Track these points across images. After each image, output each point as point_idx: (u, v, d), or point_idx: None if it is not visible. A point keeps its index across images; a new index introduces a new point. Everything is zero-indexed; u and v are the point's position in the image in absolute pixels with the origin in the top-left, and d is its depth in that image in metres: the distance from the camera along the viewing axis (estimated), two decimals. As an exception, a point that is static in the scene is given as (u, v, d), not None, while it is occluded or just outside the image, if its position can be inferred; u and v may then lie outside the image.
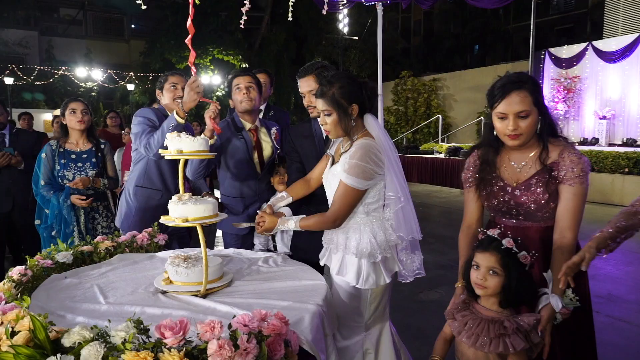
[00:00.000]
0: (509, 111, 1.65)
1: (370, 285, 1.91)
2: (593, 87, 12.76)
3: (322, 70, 2.27)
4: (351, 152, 1.88)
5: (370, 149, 1.85)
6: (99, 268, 1.96)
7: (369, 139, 1.90)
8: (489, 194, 1.83)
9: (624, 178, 8.70)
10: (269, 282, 1.79)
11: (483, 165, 1.84)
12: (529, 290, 1.55)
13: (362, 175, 1.84)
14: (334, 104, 1.87)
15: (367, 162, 1.83)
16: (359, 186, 1.86)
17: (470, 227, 1.91)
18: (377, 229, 1.93)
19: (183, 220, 1.60)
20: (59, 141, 3.13)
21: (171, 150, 1.66)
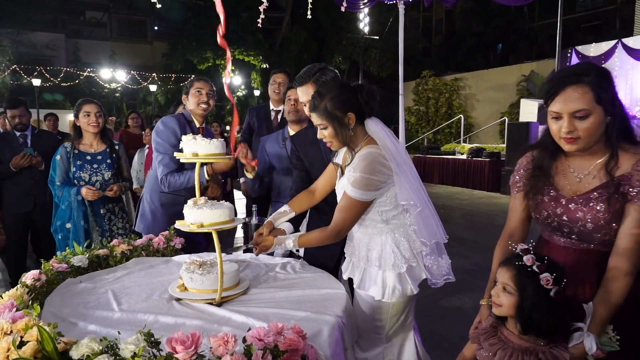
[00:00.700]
0: (563, 110, 1.40)
1: (397, 298, 1.79)
2: (622, 86, 12.32)
3: (320, 76, 2.10)
4: (354, 163, 1.75)
5: (373, 159, 1.72)
6: (114, 272, 1.93)
7: (373, 147, 1.76)
8: (539, 205, 1.57)
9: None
10: (287, 290, 1.73)
11: (535, 170, 1.58)
12: (552, 320, 1.34)
13: (366, 187, 1.71)
14: (328, 116, 1.76)
15: (371, 174, 1.70)
16: (364, 198, 1.73)
17: (512, 238, 1.65)
18: (400, 237, 1.82)
19: (198, 225, 1.55)
20: (73, 143, 3.13)
21: (187, 154, 1.60)
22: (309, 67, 2.16)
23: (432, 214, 1.83)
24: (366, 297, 1.84)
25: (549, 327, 1.36)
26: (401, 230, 1.83)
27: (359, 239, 1.90)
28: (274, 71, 3.63)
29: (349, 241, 1.99)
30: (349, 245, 1.98)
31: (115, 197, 3.17)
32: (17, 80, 19.15)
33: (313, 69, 2.13)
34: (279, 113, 3.62)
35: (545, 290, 1.33)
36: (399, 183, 1.74)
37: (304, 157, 2.33)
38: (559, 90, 1.40)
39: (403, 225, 1.84)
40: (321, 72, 2.11)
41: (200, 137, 1.61)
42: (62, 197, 3.01)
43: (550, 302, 1.34)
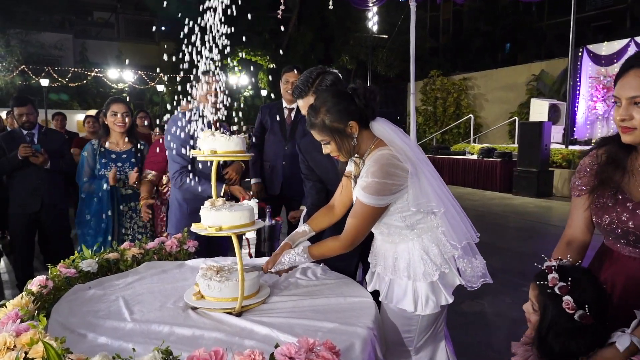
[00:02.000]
0: (621, 95, 1.26)
1: (431, 309, 1.65)
2: (636, 86, 12.10)
3: (320, 83, 1.94)
4: (366, 168, 1.62)
5: (386, 162, 1.58)
6: (125, 277, 1.82)
7: (384, 149, 1.62)
8: (602, 208, 1.40)
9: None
10: (310, 299, 1.61)
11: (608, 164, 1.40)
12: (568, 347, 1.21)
13: (379, 192, 1.57)
14: (328, 131, 1.63)
15: (384, 177, 1.56)
16: (378, 203, 1.59)
17: (571, 244, 1.50)
18: (428, 242, 1.68)
19: (217, 229, 1.43)
20: (100, 140, 3.15)
21: (204, 151, 1.49)
22: (306, 75, 1.98)
23: (458, 212, 1.70)
24: (396, 310, 1.69)
25: (562, 354, 1.23)
26: (429, 234, 1.69)
27: (383, 248, 1.76)
28: (285, 69, 3.54)
29: (372, 251, 1.86)
30: (372, 256, 1.85)
31: (138, 196, 3.12)
32: (26, 81, 19.21)
33: (310, 76, 1.96)
34: (292, 111, 3.53)
35: (567, 314, 1.20)
36: (416, 185, 1.60)
37: (314, 166, 2.16)
38: (623, 72, 1.26)
39: (430, 228, 1.70)
40: (320, 79, 1.94)
41: (219, 133, 1.49)
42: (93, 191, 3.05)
43: (572, 328, 1.21)
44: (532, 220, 7.62)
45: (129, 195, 3.13)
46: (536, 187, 9.59)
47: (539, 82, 15.75)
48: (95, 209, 3.05)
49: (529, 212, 8.21)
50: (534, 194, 9.55)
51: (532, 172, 9.63)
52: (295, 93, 1.98)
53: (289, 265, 1.69)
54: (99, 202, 3.04)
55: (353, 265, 2.20)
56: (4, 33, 18.58)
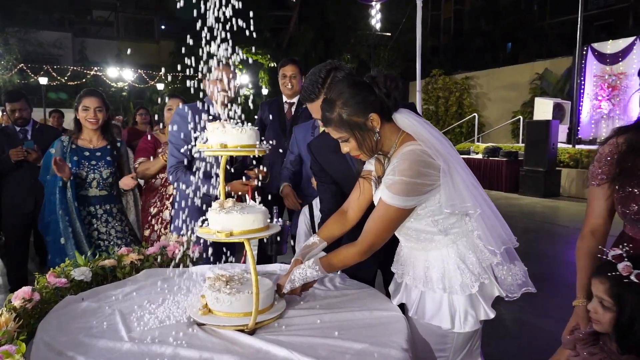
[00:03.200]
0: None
1: (471, 326, 1.46)
2: (641, 85, 11.94)
3: (333, 80, 1.69)
4: (394, 164, 1.43)
5: (416, 158, 1.40)
6: (122, 287, 1.63)
7: (413, 144, 1.44)
8: (628, 197, 1.38)
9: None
10: (332, 313, 1.42)
11: (629, 152, 1.38)
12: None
13: (407, 192, 1.39)
14: (346, 126, 1.44)
15: (414, 177, 1.38)
16: (405, 205, 1.41)
17: (595, 233, 1.51)
18: (465, 249, 1.49)
19: (227, 234, 1.25)
20: (71, 137, 2.84)
21: (212, 145, 1.30)
22: (315, 74, 1.72)
23: (495, 214, 1.51)
24: (429, 326, 1.50)
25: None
26: (464, 240, 1.50)
27: (411, 256, 1.57)
28: (282, 63, 3.40)
29: (397, 259, 1.67)
30: (397, 264, 1.66)
31: (114, 198, 2.87)
32: (24, 79, 19.03)
33: (320, 75, 1.71)
34: (292, 105, 3.42)
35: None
36: (449, 184, 1.41)
37: (327, 168, 1.95)
38: None
39: (465, 233, 1.51)
40: (332, 78, 1.70)
41: (231, 125, 1.30)
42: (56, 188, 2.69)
43: None
44: (540, 221, 7.46)
45: (103, 196, 2.81)
46: (543, 187, 9.43)
47: (543, 81, 15.59)
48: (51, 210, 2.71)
49: (536, 213, 8.04)
50: (541, 194, 9.38)
51: (539, 171, 9.46)
52: (304, 96, 1.74)
53: (301, 282, 1.49)
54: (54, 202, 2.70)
55: (372, 275, 2.01)
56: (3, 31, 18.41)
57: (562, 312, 3.41)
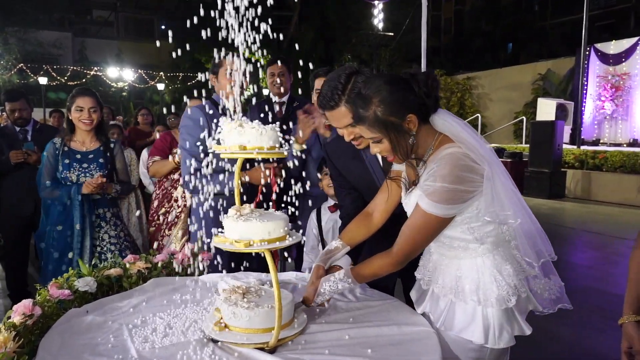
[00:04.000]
0: None
1: (506, 342, 1.36)
2: (645, 85, 11.88)
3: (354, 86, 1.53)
4: (432, 170, 1.31)
5: (458, 163, 1.29)
6: (129, 298, 1.52)
7: (453, 147, 1.33)
8: None
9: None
10: (357, 328, 1.31)
11: None
12: None
13: (449, 200, 1.29)
14: (381, 126, 1.33)
15: (457, 182, 1.28)
16: (446, 213, 1.31)
17: None
18: (502, 259, 1.39)
19: (246, 244, 1.14)
20: (63, 139, 2.71)
21: (229, 146, 1.19)
22: (334, 79, 1.56)
23: (534, 224, 1.41)
24: (458, 340, 1.40)
25: None
26: (500, 250, 1.40)
27: (441, 263, 1.47)
28: (269, 61, 3.26)
29: (423, 264, 1.57)
30: (424, 270, 1.55)
31: (108, 202, 2.76)
32: (24, 79, 18.93)
33: (339, 81, 1.55)
34: (283, 105, 3.28)
35: None
36: (491, 191, 1.30)
37: (346, 175, 1.83)
38: None
39: (502, 243, 1.41)
40: (353, 83, 1.54)
41: (250, 125, 1.19)
42: (58, 198, 2.60)
43: None
44: (545, 223, 7.32)
45: (95, 200, 2.69)
46: (548, 188, 9.33)
47: (546, 81, 15.52)
48: (59, 219, 2.62)
49: (541, 214, 7.93)
50: (546, 195, 9.29)
51: (544, 172, 9.37)
52: (322, 103, 1.58)
53: (331, 294, 1.40)
54: (64, 211, 2.61)
55: (393, 282, 1.90)
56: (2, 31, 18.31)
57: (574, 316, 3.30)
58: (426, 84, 1.32)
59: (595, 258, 5.44)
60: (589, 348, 2.97)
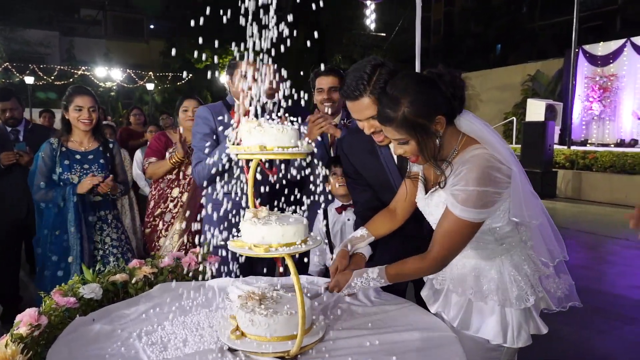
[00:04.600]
0: None
1: (524, 341, 1.36)
2: (632, 86, 12.05)
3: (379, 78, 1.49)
4: (460, 173, 1.29)
5: (487, 164, 1.27)
6: (136, 305, 1.46)
7: (478, 148, 1.31)
8: None
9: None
10: (378, 333, 1.27)
11: None
12: None
13: (482, 205, 1.27)
14: (409, 128, 1.29)
15: (488, 185, 1.26)
16: (479, 218, 1.30)
17: None
18: (519, 259, 1.40)
19: (266, 248, 1.09)
20: (60, 139, 2.63)
21: (247, 147, 1.14)
22: (358, 69, 1.52)
23: (551, 225, 1.44)
24: (476, 339, 1.39)
25: None
26: (518, 250, 1.42)
27: (458, 263, 1.46)
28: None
29: None
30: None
31: (109, 204, 2.70)
32: (9, 78, 18.58)
33: (365, 71, 1.50)
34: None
35: None
36: (517, 192, 1.30)
37: (362, 170, 1.81)
38: None
39: (519, 243, 1.42)
40: (378, 75, 1.49)
41: (269, 123, 1.14)
42: (52, 200, 2.52)
43: None
44: (539, 223, 7.41)
45: (97, 203, 2.63)
46: (540, 188, 9.38)
47: (535, 82, 15.68)
48: (55, 222, 2.54)
49: (534, 214, 8.00)
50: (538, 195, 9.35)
51: (536, 172, 9.42)
52: (346, 93, 1.53)
53: (360, 289, 1.42)
54: (60, 213, 2.53)
55: (406, 284, 1.88)
56: (-12, 30, 17.98)
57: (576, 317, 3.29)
58: (453, 84, 1.30)
59: (590, 258, 5.46)
60: (592, 348, 2.97)
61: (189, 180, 2.95)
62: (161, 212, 2.94)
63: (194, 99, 3.00)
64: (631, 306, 3.63)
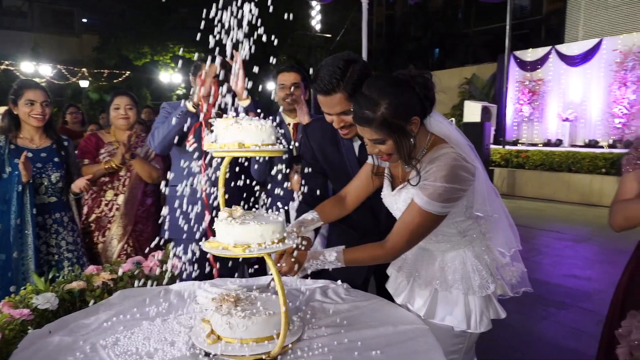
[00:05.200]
0: None
1: (485, 326, 1.46)
2: (556, 90, 13.01)
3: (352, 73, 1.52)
4: (431, 170, 1.34)
5: (455, 163, 1.33)
6: (96, 314, 1.37)
7: (446, 148, 1.37)
8: None
9: (603, 179, 8.76)
10: (353, 330, 1.28)
11: None
12: None
13: (446, 200, 1.33)
14: (387, 129, 1.33)
15: (455, 182, 1.32)
16: (443, 211, 1.36)
17: None
18: (480, 250, 1.49)
19: (243, 248, 1.06)
20: (7, 136, 2.44)
21: (225, 144, 1.10)
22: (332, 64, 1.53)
23: (507, 218, 1.54)
24: (440, 327, 1.46)
25: None
26: (479, 241, 1.51)
27: (424, 256, 1.54)
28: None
29: (402, 259, 1.62)
30: (404, 263, 1.60)
31: (64, 205, 2.53)
32: None
33: (338, 66, 1.52)
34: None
35: None
36: (479, 189, 1.40)
37: (321, 159, 1.85)
38: None
39: (480, 235, 1.51)
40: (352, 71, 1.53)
41: (247, 119, 1.11)
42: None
43: None
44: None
45: (52, 204, 2.48)
46: (478, 186, 9.91)
47: (471, 85, 16.53)
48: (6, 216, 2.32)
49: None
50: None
51: (475, 171, 9.95)
52: (320, 87, 1.55)
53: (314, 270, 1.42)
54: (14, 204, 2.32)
55: (363, 276, 1.91)
56: None
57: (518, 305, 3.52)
58: (425, 85, 1.33)
59: (526, 250, 5.84)
60: (536, 333, 3.18)
61: (124, 181, 2.80)
62: (96, 218, 2.77)
63: (127, 96, 2.81)
64: (565, 293, 3.93)
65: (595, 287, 4.12)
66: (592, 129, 11.96)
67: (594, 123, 11.95)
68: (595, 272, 4.61)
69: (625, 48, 10.66)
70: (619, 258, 4.97)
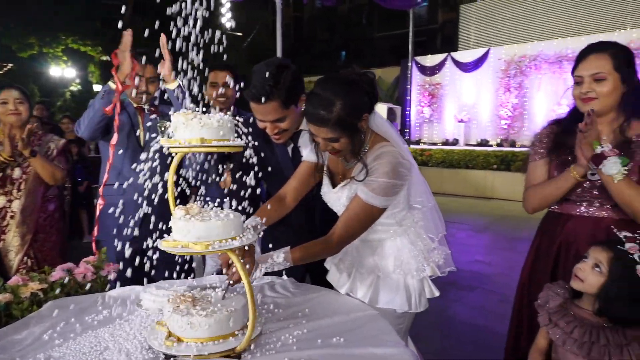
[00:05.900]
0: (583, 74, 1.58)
1: (424, 305, 1.60)
2: (452, 94, 14.22)
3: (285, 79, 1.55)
4: (372, 166, 1.43)
5: (396, 161, 1.43)
6: (26, 328, 1.24)
7: (387, 146, 1.46)
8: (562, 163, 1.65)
9: (494, 174, 9.76)
10: (311, 320, 1.31)
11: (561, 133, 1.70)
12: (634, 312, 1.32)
13: (389, 193, 1.43)
14: (343, 127, 1.38)
15: (396, 177, 1.42)
16: (384, 204, 1.45)
17: None
18: (415, 237, 1.62)
19: (204, 245, 1.04)
20: None
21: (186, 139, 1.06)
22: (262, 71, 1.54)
23: (435, 207, 1.71)
24: (384, 310, 1.55)
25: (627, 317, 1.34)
26: (412, 230, 1.65)
27: (364, 247, 1.64)
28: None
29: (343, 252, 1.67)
30: (344, 255, 1.69)
31: None
32: None
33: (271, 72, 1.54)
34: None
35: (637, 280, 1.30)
36: (416, 183, 1.56)
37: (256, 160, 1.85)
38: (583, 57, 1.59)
39: (412, 224, 1.65)
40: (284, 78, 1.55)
41: (206, 116, 1.08)
42: None
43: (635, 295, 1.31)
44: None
45: None
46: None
47: (377, 87, 17.38)
48: None
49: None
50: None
51: (385, 168, 10.48)
52: (254, 95, 1.54)
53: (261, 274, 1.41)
54: None
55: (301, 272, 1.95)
56: None
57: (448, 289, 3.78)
58: (371, 84, 1.41)
59: (434, 240, 6.33)
60: (452, 315, 3.47)
61: (19, 184, 2.53)
62: None
63: (15, 89, 2.56)
64: (472, 277, 4.34)
65: (494, 270, 4.61)
66: (483, 129, 13.21)
67: (485, 124, 13.22)
68: (494, 258, 5.15)
69: (508, 57, 11.96)
70: (513, 245, 5.61)
